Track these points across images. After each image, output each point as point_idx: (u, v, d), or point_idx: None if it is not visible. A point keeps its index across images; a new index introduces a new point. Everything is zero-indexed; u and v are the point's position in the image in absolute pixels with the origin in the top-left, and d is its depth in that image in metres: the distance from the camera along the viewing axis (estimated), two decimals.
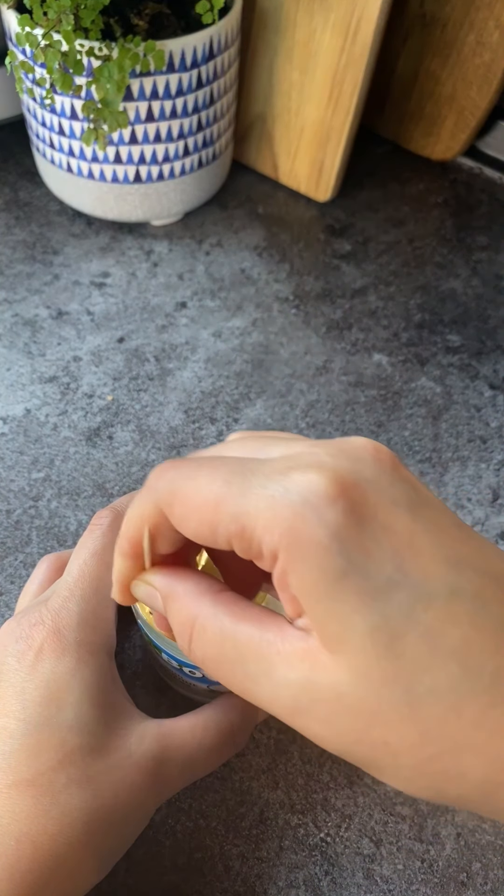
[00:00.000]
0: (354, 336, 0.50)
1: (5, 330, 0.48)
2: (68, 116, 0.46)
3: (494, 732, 0.17)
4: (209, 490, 0.19)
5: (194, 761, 0.27)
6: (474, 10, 0.52)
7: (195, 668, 0.27)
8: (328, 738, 0.19)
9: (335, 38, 0.49)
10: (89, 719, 0.26)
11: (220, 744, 0.28)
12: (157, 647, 0.28)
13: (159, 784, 0.26)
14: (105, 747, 0.25)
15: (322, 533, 0.17)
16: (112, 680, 0.28)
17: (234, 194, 0.59)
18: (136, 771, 0.25)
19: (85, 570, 0.29)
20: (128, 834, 0.26)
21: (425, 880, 0.30)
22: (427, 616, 0.17)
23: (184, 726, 0.27)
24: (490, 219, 0.59)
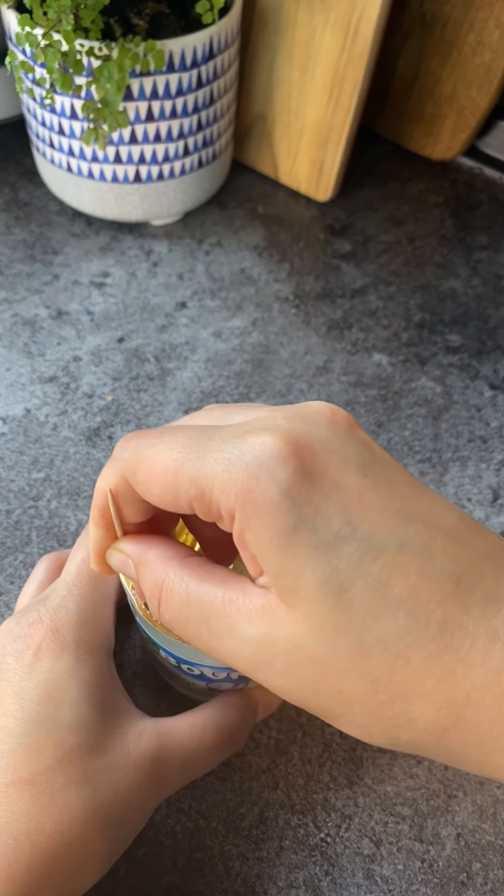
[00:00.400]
0: (354, 336, 0.50)
1: (5, 330, 0.48)
2: (68, 116, 0.46)
3: (442, 679, 0.18)
4: (169, 456, 0.20)
5: (193, 760, 0.27)
6: (474, 9, 0.52)
7: (194, 666, 0.27)
8: (288, 689, 0.19)
9: (335, 37, 0.49)
10: (88, 718, 0.26)
11: (219, 743, 0.28)
12: (155, 645, 0.28)
13: (158, 783, 0.26)
14: (103, 746, 0.25)
15: (274, 491, 0.18)
16: (111, 678, 0.28)
17: (234, 194, 0.58)
18: (134, 770, 0.25)
19: (83, 569, 0.29)
20: (126, 833, 0.26)
21: (425, 880, 0.30)
22: (375, 567, 0.18)
23: (183, 725, 0.27)
24: (490, 218, 0.59)
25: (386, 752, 0.33)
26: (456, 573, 0.18)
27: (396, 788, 0.32)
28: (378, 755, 0.33)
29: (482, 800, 0.32)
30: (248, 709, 0.29)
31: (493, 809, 0.32)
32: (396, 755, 0.33)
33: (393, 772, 0.33)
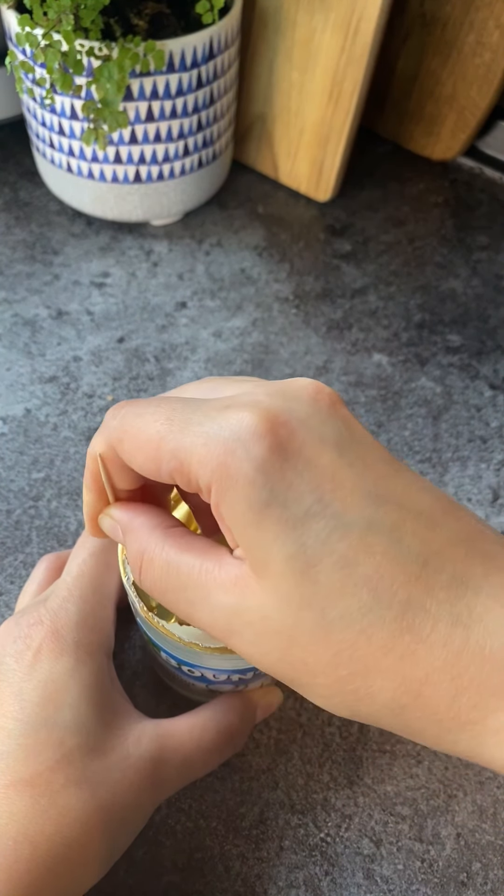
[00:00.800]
0: (354, 336, 0.50)
1: (5, 330, 0.48)
2: (68, 116, 0.46)
3: (402, 657, 0.18)
4: (153, 427, 0.20)
5: (192, 761, 0.27)
6: (474, 9, 0.52)
7: (194, 668, 0.27)
8: (256, 656, 0.20)
9: (335, 37, 0.49)
10: (87, 719, 0.26)
11: (218, 744, 0.28)
12: (156, 646, 0.28)
13: (157, 784, 0.26)
14: (103, 747, 0.26)
15: (248, 466, 0.18)
16: (110, 680, 0.28)
17: (234, 194, 0.58)
18: (133, 771, 0.25)
19: (84, 570, 0.29)
20: (125, 834, 0.26)
21: (425, 880, 0.30)
22: (342, 545, 0.18)
23: (182, 727, 0.28)
24: (490, 218, 0.59)
25: (386, 751, 0.33)
26: (423, 555, 0.19)
27: (396, 788, 0.32)
28: (378, 755, 0.33)
29: (482, 799, 0.32)
30: (247, 711, 0.30)
31: (493, 809, 0.32)
32: (396, 755, 0.33)
33: (393, 772, 0.33)
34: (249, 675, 0.28)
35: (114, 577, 0.30)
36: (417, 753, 0.33)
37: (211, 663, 0.27)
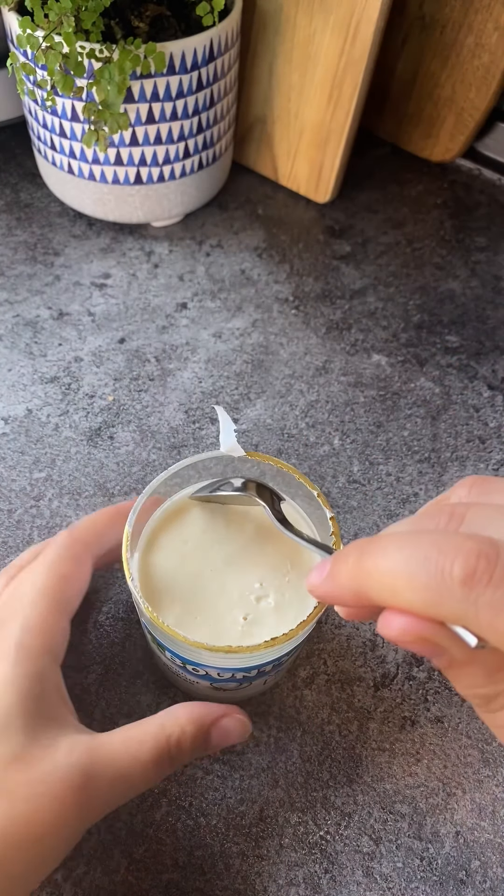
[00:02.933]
0: (354, 337, 0.50)
1: (7, 331, 0.48)
2: (69, 118, 0.47)
3: None
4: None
5: (127, 776, 0.26)
6: (473, 12, 0.52)
7: (199, 667, 0.28)
8: None
9: (335, 39, 0.49)
10: (16, 728, 0.25)
11: (155, 757, 0.26)
12: (160, 646, 0.29)
13: (87, 798, 0.25)
14: (29, 757, 0.24)
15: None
16: (53, 688, 0.27)
17: (234, 196, 0.59)
18: (60, 784, 0.24)
19: (37, 581, 0.29)
20: (46, 852, 0.24)
21: (424, 878, 0.30)
22: None
23: (117, 739, 0.26)
24: (489, 220, 0.59)
25: (385, 750, 0.33)
26: None
27: (396, 786, 0.32)
28: (377, 753, 0.33)
29: (481, 798, 0.32)
30: (193, 726, 0.27)
31: (492, 807, 0.32)
32: (396, 753, 0.33)
33: (392, 770, 0.33)
34: (253, 672, 0.28)
35: (68, 589, 0.29)
36: (417, 752, 0.33)
37: (215, 662, 0.27)
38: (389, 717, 0.34)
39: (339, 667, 0.36)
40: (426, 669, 0.36)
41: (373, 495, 0.42)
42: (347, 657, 0.36)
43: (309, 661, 0.36)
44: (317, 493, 0.29)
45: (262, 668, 0.28)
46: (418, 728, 0.34)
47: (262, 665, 0.28)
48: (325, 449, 0.44)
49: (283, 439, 0.44)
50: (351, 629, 0.37)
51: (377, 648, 0.36)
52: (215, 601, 0.29)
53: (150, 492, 0.29)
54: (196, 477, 0.31)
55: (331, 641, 0.36)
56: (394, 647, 0.36)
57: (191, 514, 0.31)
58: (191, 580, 0.29)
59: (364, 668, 0.36)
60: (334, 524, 0.28)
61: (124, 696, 0.34)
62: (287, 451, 0.43)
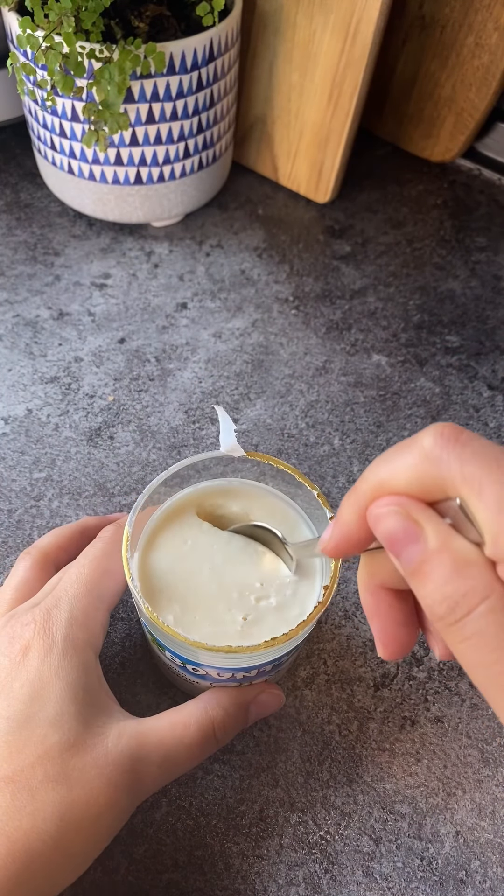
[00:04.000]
0: (354, 337, 0.50)
1: (7, 331, 0.48)
2: (69, 118, 0.47)
3: None
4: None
5: (174, 758, 0.27)
6: (473, 12, 0.52)
7: (199, 666, 0.28)
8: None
9: (335, 39, 0.49)
10: (69, 716, 0.26)
11: (200, 740, 0.28)
12: (160, 646, 0.29)
13: (136, 781, 0.26)
14: (83, 744, 0.26)
15: None
16: (96, 678, 0.28)
17: (235, 196, 0.59)
18: (112, 768, 0.26)
19: (82, 573, 0.30)
20: (102, 831, 0.26)
21: (424, 878, 0.30)
22: None
23: (163, 724, 0.28)
24: (489, 220, 0.59)
25: (385, 749, 0.33)
26: None
27: (396, 786, 0.32)
28: (377, 753, 0.33)
29: (481, 798, 0.32)
30: (235, 707, 0.29)
31: (492, 807, 0.32)
32: (396, 753, 0.33)
33: (392, 770, 0.33)
34: (253, 672, 0.28)
35: (111, 583, 0.30)
36: (416, 752, 0.33)
37: (215, 662, 0.27)
38: (389, 717, 0.34)
39: (339, 667, 0.36)
40: (426, 669, 0.36)
41: None
42: (347, 657, 0.36)
43: (309, 661, 0.36)
44: (317, 493, 0.29)
45: (263, 668, 0.28)
46: (418, 728, 0.34)
47: (262, 665, 0.28)
48: (325, 449, 0.44)
49: (283, 439, 0.44)
50: (351, 629, 0.37)
51: None
52: (215, 601, 0.29)
53: (150, 492, 0.29)
54: (196, 477, 0.31)
55: (331, 641, 0.36)
56: None
57: (190, 514, 0.31)
58: (190, 580, 0.29)
59: (364, 668, 0.36)
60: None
61: (124, 696, 0.34)
62: (287, 451, 0.43)
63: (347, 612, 0.37)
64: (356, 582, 0.38)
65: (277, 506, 0.32)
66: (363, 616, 0.37)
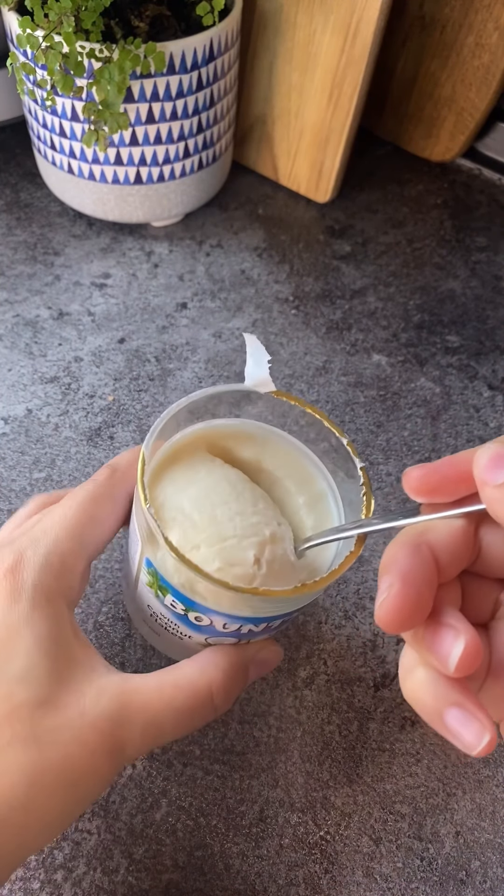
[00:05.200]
0: (354, 336, 0.50)
1: (7, 330, 0.48)
2: (69, 118, 0.47)
3: None
4: None
5: (161, 723, 0.24)
6: (473, 11, 0.52)
7: (204, 613, 0.25)
8: None
9: (335, 39, 0.49)
10: (41, 671, 0.23)
11: (193, 705, 0.25)
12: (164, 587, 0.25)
13: (117, 747, 0.24)
14: (56, 702, 0.23)
15: None
16: (71, 630, 0.25)
17: (235, 195, 0.59)
18: (90, 730, 0.23)
19: (67, 515, 0.27)
20: (80, 797, 0.23)
21: (424, 878, 0.30)
22: None
23: (151, 683, 0.25)
24: (489, 220, 0.59)
25: (385, 750, 0.33)
26: None
27: (396, 787, 0.32)
28: (377, 753, 0.33)
29: (481, 798, 0.32)
30: (234, 667, 0.26)
31: (492, 808, 0.32)
32: (396, 753, 0.33)
33: (392, 770, 0.33)
34: (262, 626, 0.26)
35: (97, 531, 0.27)
36: (417, 752, 0.33)
37: (231, 608, 0.24)
38: (389, 718, 0.34)
39: (339, 667, 0.36)
40: None
41: (374, 497, 0.42)
42: (347, 657, 0.36)
43: (309, 662, 0.36)
44: (346, 441, 0.26)
45: (271, 623, 0.25)
46: (418, 728, 0.34)
47: (275, 618, 0.25)
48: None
49: None
50: (351, 629, 0.37)
51: (377, 648, 0.36)
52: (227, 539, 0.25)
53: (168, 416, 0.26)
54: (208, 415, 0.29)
55: (331, 642, 0.36)
56: (394, 647, 0.36)
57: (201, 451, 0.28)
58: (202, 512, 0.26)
59: (364, 669, 0.36)
60: (364, 475, 0.25)
61: None
62: None
63: (348, 613, 0.37)
64: (356, 581, 0.38)
65: (292, 455, 0.29)
66: (363, 616, 0.37)
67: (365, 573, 0.39)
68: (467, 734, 0.18)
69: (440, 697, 0.19)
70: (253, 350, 0.26)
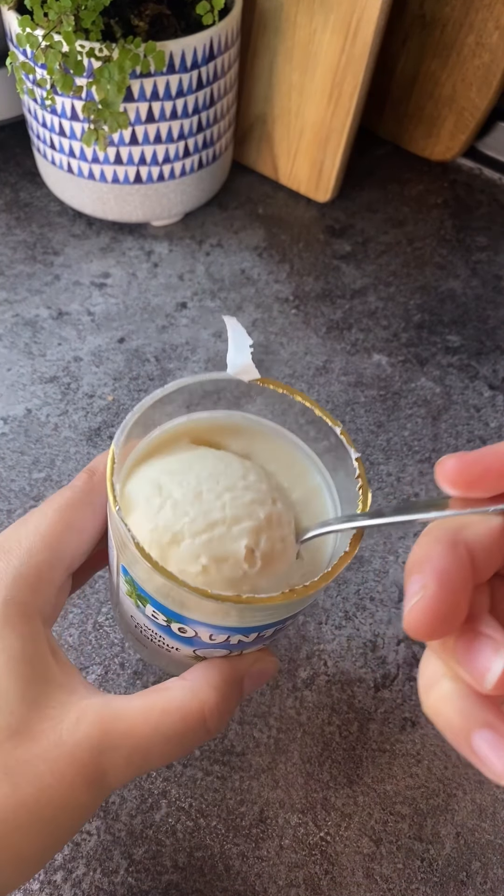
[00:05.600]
0: (354, 336, 0.50)
1: (6, 330, 0.48)
2: (69, 117, 0.46)
3: None
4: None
5: (147, 750, 0.22)
6: (474, 11, 0.52)
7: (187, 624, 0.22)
8: None
9: (335, 38, 0.49)
10: (12, 697, 0.21)
11: (184, 730, 0.22)
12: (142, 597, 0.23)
13: (100, 777, 0.21)
14: (29, 731, 0.21)
15: None
16: (49, 650, 0.23)
17: (235, 195, 0.59)
18: (67, 761, 0.21)
19: (42, 524, 0.25)
20: (57, 834, 0.21)
21: (425, 879, 0.30)
22: None
23: (136, 707, 0.22)
24: (489, 219, 0.59)
25: (386, 751, 0.33)
26: None
27: (396, 787, 0.32)
28: (378, 754, 0.33)
29: (482, 799, 0.32)
30: (228, 684, 0.24)
31: (493, 808, 0.32)
32: (396, 754, 0.33)
33: (392, 771, 0.33)
34: (252, 636, 0.23)
35: (75, 540, 0.25)
36: (417, 753, 0.33)
37: (213, 618, 0.22)
38: (390, 718, 0.34)
39: (339, 668, 0.36)
40: None
41: (373, 496, 0.42)
42: (348, 658, 0.36)
43: (309, 662, 0.36)
44: (340, 429, 0.24)
45: (263, 633, 0.23)
46: (419, 729, 0.34)
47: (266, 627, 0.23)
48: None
49: None
50: (351, 630, 0.37)
51: (378, 649, 0.36)
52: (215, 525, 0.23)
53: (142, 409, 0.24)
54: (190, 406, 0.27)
55: (331, 642, 0.36)
56: (394, 648, 0.36)
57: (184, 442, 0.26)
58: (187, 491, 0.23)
59: (364, 669, 0.35)
60: (360, 466, 0.23)
61: None
62: None
63: (348, 613, 0.37)
64: (357, 582, 0.38)
65: (283, 448, 0.27)
66: (364, 617, 0.37)
67: (365, 574, 0.39)
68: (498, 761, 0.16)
69: (469, 716, 0.17)
70: (234, 335, 0.24)
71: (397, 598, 0.38)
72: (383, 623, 0.37)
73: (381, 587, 0.38)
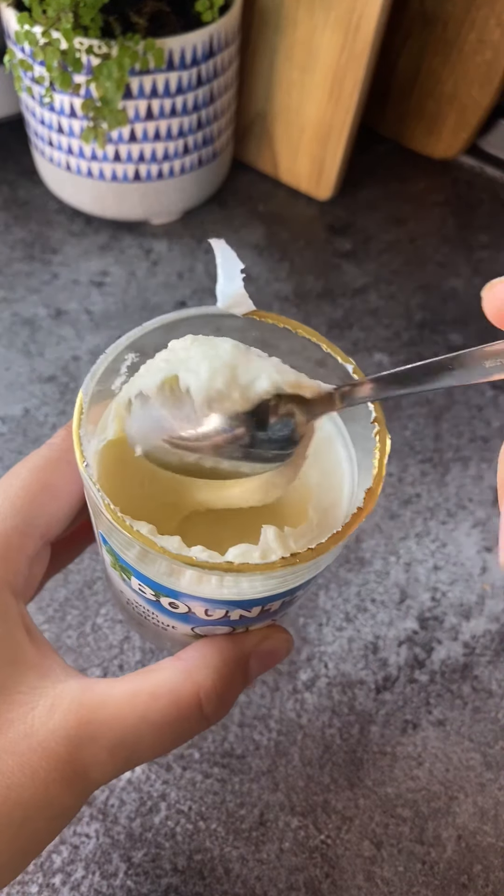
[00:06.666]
0: (355, 335, 0.50)
1: (4, 329, 0.48)
2: (67, 115, 0.46)
3: None
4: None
5: (134, 742, 0.19)
6: (475, 7, 0.52)
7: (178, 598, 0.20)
8: None
9: (336, 35, 0.49)
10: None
11: (176, 718, 0.20)
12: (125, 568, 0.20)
13: (78, 772, 0.19)
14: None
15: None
16: (19, 628, 0.21)
17: (235, 193, 0.58)
18: (39, 755, 0.18)
19: (13, 485, 0.22)
20: (34, 836, 0.19)
21: (426, 882, 0.30)
22: None
23: (120, 692, 0.20)
24: (491, 217, 0.58)
25: (387, 753, 0.33)
26: None
27: (397, 790, 0.32)
28: (379, 757, 0.33)
29: (483, 802, 0.32)
30: (229, 665, 0.21)
31: (495, 811, 0.32)
32: (397, 757, 0.33)
33: (394, 773, 0.33)
34: (255, 611, 0.20)
35: (51, 504, 0.22)
36: (418, 755, 0.33)
37: (203, 590, 0.19)
38: (391, 721, 0.34)
39: (340, 670, 0.35)
40: (428, 672, 0.35)
41: None
42: (349, 660, 0.36)
43: (310, 664, 0.35)
44: (352, 367, 0.21)
45: (267, 607, 0.20)
46: (420, 731, 0.34)
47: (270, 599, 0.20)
48: None
49: None
50: (352, 632, 0.37)
51: (379, 651, 0.36)
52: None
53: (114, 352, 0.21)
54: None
55: (332, 644, 0.36)
56: (396, 650, 0.36)
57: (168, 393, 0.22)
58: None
59: (365, 671, 0.35)
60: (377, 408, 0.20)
61: None
62: None
63: (349, 615, 0.37)
64: (357, 583, 0.38)
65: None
66: (364, 618, 0.37)
67: (366, 575, 0.38)
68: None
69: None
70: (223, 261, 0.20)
71: (398, 600, 0.38)
72: (384, 625, 0.37)
73: (383, 588, 0.38)
